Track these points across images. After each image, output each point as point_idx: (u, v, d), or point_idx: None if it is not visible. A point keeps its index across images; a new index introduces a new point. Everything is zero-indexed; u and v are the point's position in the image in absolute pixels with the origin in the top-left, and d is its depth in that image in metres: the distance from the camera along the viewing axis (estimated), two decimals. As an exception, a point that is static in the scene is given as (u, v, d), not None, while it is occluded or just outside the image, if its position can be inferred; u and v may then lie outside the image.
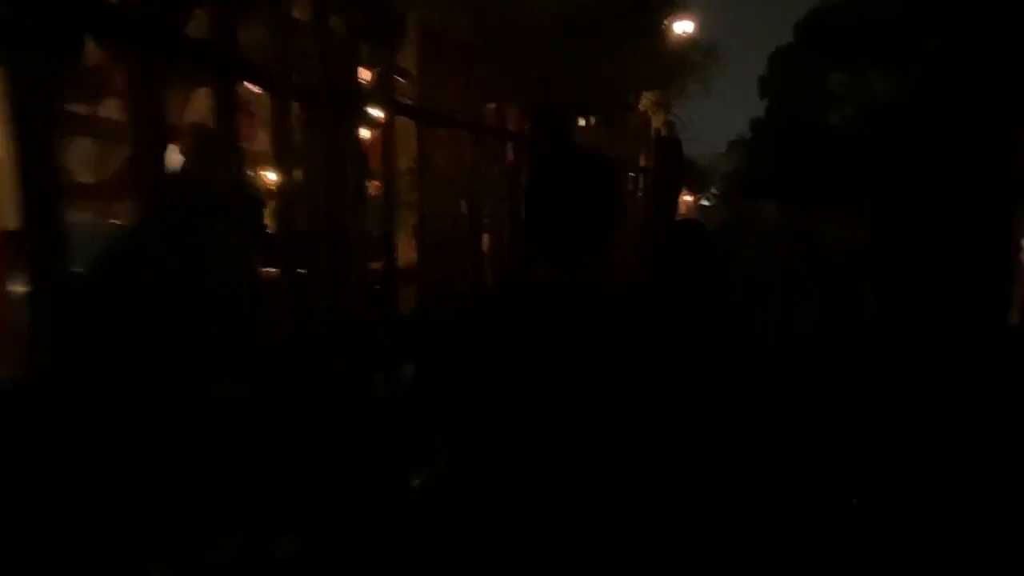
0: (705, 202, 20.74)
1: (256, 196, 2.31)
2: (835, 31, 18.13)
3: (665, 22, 7.05)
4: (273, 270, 2.20)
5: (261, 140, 3.31)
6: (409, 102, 3.55)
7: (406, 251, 3.56)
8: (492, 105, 4.10)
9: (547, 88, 3.96)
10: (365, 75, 3.15)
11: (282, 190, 2.24)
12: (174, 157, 1.85)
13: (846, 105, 20.15)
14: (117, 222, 2.74)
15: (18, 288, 1.67)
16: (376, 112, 2.98)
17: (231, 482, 1.38)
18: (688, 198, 17.87)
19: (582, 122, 6.46)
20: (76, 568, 1.18)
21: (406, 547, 1.58)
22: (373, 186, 3.44)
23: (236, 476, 1.42)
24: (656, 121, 8.11)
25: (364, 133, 4.38)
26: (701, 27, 7.79)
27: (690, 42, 7.43)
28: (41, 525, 1.15)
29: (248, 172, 2.57)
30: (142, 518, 1.18)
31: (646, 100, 7.59)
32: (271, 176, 2.51)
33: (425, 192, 3.48)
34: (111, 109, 3.16)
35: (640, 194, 7.73)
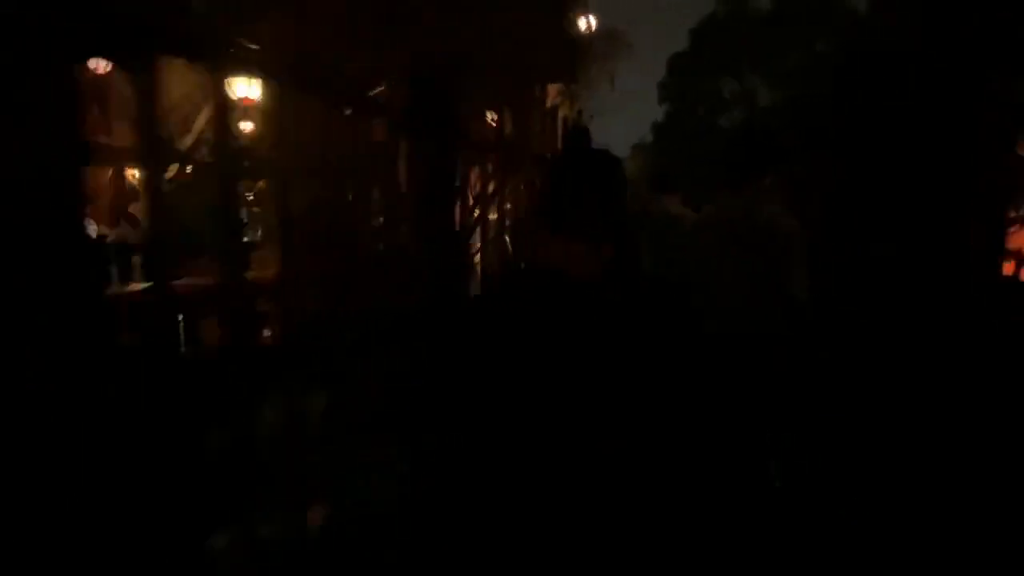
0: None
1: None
2: (723, 41, 19.25)
3: (570, 14, 6.99)
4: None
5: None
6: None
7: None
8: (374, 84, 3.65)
9: (440, 69, 3.54)
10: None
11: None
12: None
13: (735, 110, 21.51)
14: None
15: None
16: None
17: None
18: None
19: (491, 116, 6.20)
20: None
21: None
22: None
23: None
24: (563, 111, 8.06)
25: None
26: (604, 20, 7.84)
27: (594, 32, 7.44)
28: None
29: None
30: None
31: (553, 92, 7.51)
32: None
33: (288, 179, 2.96)
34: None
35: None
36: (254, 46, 2.95)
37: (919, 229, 3.78)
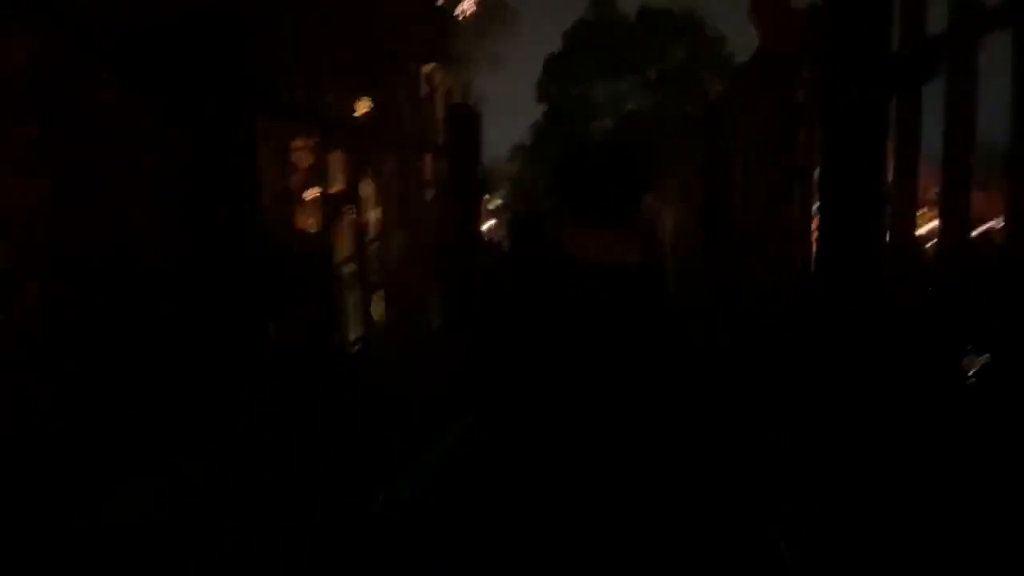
0: (492, 205, 21.08)
1: None
2: (596, 44, 19.57)
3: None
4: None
5: None
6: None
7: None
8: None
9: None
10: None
11: None
12: None
13: (606, 115, 22.04)
14: None
15: None
16: None
17: None
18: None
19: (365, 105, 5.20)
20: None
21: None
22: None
23: None
24: (443, 88, 7.18)
25: None
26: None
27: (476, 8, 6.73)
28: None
29: None
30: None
31: (431, 71, 6.63)
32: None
33: None
34: None
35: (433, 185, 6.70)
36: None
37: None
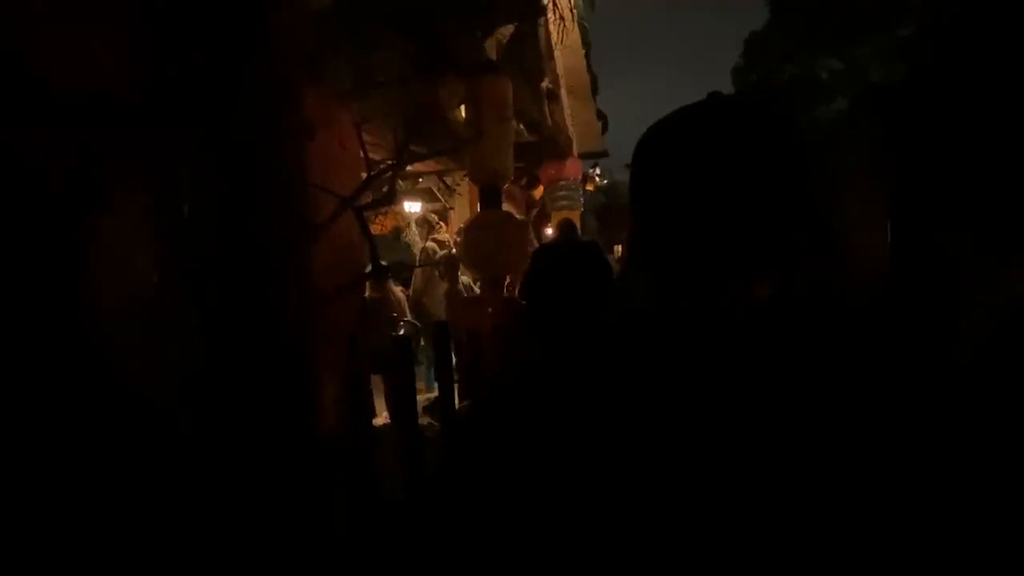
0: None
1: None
2: (818, 3, 15.19)
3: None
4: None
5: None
6: None
7: None
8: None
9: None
10: None
11: None
12: None
13: (838, 96, 17.22)
14: None
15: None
16: None
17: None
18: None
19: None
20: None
21: None
22: None
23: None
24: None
25: None
26: None
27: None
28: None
29: None
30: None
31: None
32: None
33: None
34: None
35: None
36: None
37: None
